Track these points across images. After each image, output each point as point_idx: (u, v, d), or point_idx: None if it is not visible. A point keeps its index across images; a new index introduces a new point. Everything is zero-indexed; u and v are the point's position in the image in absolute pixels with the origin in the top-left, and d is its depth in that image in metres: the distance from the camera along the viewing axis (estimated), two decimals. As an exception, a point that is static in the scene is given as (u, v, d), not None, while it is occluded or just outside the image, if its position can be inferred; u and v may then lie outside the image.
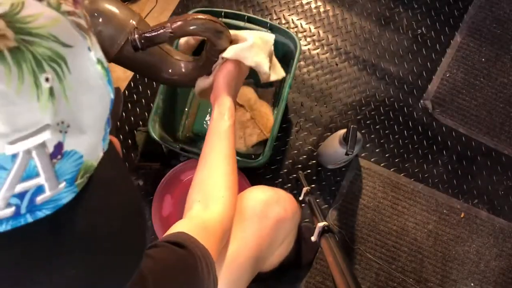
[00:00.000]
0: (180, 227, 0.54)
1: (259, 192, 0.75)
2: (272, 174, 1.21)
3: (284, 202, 0.75)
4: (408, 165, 1.23)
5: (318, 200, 1.18)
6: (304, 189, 1.02)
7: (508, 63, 1.30)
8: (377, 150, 1.23)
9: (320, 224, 0.78)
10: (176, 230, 0.53)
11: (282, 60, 1.17)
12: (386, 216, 1.18)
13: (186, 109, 1.20)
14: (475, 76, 1.29)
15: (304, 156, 1.22)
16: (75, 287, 0.25)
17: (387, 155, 1.23)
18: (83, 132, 0.23)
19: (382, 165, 1.22)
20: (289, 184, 1.21)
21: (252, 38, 0.77)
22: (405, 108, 1.27)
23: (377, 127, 1.25)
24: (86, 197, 0.25)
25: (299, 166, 1.22)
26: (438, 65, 1.30)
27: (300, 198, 1.04)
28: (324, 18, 1.33)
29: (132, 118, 1.25)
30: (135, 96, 1.27)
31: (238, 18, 1.05)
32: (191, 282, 0.45)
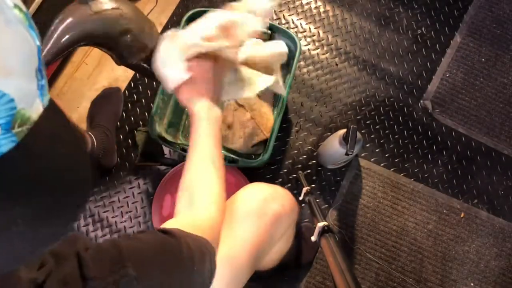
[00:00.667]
0: (170, 224, 0.55)
1: (256, 189, 0.75)
2: (272, 174, 1.21)
3: (282, 198, 0.75)
4: (408, 165, 1.23)
5: (318, 200, 1.19)
6: (304, 189, 1.02)
7: (508, 63, 1.30)
8: (377, 150, 1.23)
9: (320, 224, 0.79)
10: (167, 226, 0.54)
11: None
12: (386, 216, 1.18)
13: (186, 109, 1.20)
14: (475, 76, 1.29)
15: (304, 156, 1.23)
16: (22, 224, 0.26)
17: (387, 155, 1.23)
18: (8, 73, 0.24)
19: (382, 165, 1.22)
20: (289, 184, 1.21)
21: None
22: (405, 108, 1.27)
23: (377, 127, 1.25)
24: (28, 146, 0.26)
25: (299, 166, 1.22)
26: (438, 65, 1.30)
27: (300, 198, 1.04)
28: (324, 18, 1.34)
29: (132, 118, 1.25)
30: (135, 96, 1.27)
31: (238, 18, 1.05)
32: (172, 264, 0.46)
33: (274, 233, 0.72)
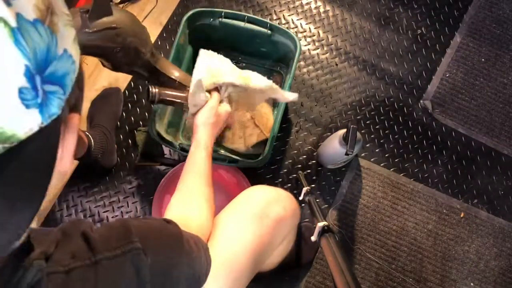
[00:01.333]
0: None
1: (259, 191, 0.75)
2: (272, 174, 1.21)
3: (284, 201, 0.75)
4: (408, 165, 1.23)
5: (318, 200, 1.19)
6: (304, 189, 1.02)
7: (508, 63, 1.30)
8: (377, 150, 1.23)
9: (320, 224, 0.79)
10: None
11: (282, 60, 1.18)
12: (386, 216, 1.18)
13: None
14: (475, 76, 1.29)
15: (304, 156, 1.23)
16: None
17: (387, 155, 1.23)
18: None
19: (382, 165, 1.22)
20: (289, 184, 1.21)
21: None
22: (405, 108, 1.27)
23: (377, 127, 1.25)
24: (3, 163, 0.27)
25: (299, 166, 1.22)
26: (438, 65, 1.30)
27: (300, 198, 1.04)
28: (324, 18, 1.34)
29: (132, 118, 1.25)
30: (135, 96, 1.27)
31: (238, 18, 1.05)
32: (175, 246, 0.48)
33: (276, 236, 0.73)
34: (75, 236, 0.40)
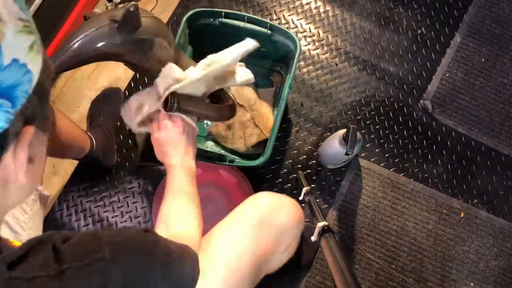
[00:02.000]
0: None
1: (264, 199, 0.75)
2: (272, 174, 1.21)
3: (290, 209, 0.75)
4: (408, 165, 1.23)
5: (318, 200, 1.19)
6: (304, 189, 1.02)
7: (508, 63, 1.30)
8: (377, 150, 1.23)
9: (320, 224, 0.79)
10: None
11: (282, 60, 1.18)
12: (386, 216, 1.18)
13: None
14: (475, 76, 1.29)
15: (304, 156, 1.23)
16: None
17: (387, 155, 1.23)
18: None
19: (382, 165, 1.22)
20: (289, 184, 1.21)
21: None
22: (405, 108, 1.27)
23: (377, 127, 1.25)
24: None
25: (299, 166, 1.22)
26: (438, 65, 1.30)
27: (300, 198, 1.04)
28: (324, 18, 1.34)
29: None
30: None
31: (238, 18, 1.05)
32: (148, 254, 0.46)
33: (280, 243, 0.72)
34: (47, 246, 0.39)
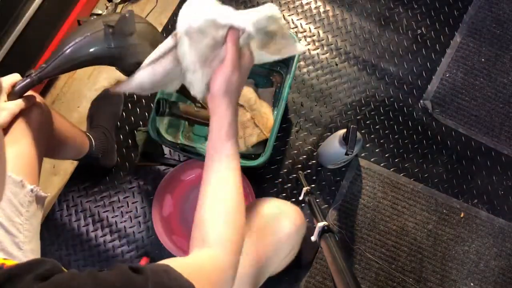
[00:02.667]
0: (170, 260, 0.47)
1: (267, 205, 0.75)
2: (272, 174, 1.21)
3: (292, 216, 0.75)
4: (408, 165, 1.23)
5: (318, 200, 1.19)
6: (304, 189, 1.02)
7: (508, 63, 1.30)
8: (377, 150, 1.23)
9: (320, 224, 0.79)
10: (165, 262, 0.47)
11: (282, 60, 1.18)
12: (386, 216, 1.18)
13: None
14: (475, 76, 1.29)
15: (304, 156, 1.23)
16: None
17: (387, 155, 1.23)
18: None
19: (382, 165, 1.22)
20: (289, 184, 1.21)
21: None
22: (405, 108, 1.27)
23: (377, 127, 1.25)
24: None
25: (299, 166, 1.22)
26: (438, 65, 1.30)
27: (300, 198, 1.04)
28: (324, 19, 1.34)
29: (132, 118, 1.25)
30: (135, 96, 1.27)
31: (238, 18, 1.05)
32: None
33: (281, 250, 0.73)
34: (20, 281, 0.35)
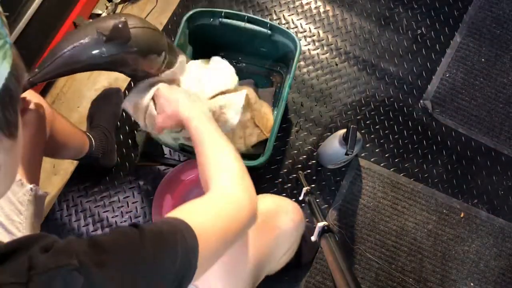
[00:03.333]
0: (185, 205, 0.52)
1: (266, 202, 0.75)
2: (272, 174, 1.21)
3: (291, 212, 0.75)
4: (408, 165, 1.23)
5: (318, 200, 1.19)
6: (304, 189, 1.02)
7: (508, 63, 1.30)
8: (377, 150, 1.23)
9: (320, 224, 0.79)
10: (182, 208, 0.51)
11: (282, 60, 1.18)
12: (386, 216, 1.18)
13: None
14: (475, 76, 1.29)
15: (304, 156, 1.23)
16: None
17: (387, 155, 1.23)
18: None
19: (382, 165, 1.22)
20: (289, 184, 1.21)
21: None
22: (405, 108, 1.27)
23: (377, 127, 1.25)
24: None
25: (299, 166, 1.22)
26: (438, 65, 1.30)
27: (300, 198, 1.04)
28: (324, 18, 1.34)
29: (132, 118, 1.25)
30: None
31: (238, 18, 1.05)
32: (127, 258, 0.41)
33: (280, 246, 0.73)
34: (24, 253, 0.37)
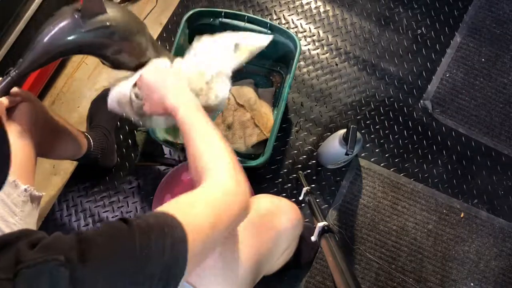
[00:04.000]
0: (178, 198, 0.51)
1: (264, 201, 0.75)
2: (272, 174, 1.21)
3: (289, 212, 0.75)
4: (408, 165, 1.23)
5: (318, 200, 1.19)
6: (304, 189, 1.02)
7: (508, 63, 1.30)
8: (377, 150, 1.23)
9: (320, 224, 0.79)
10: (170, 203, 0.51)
11: (282, 60, 1.18)
12: (386, 216, 1.18)
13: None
14: (475, 76, 1.29)
15: (304, 156, 1.23)
16: None
17: (387, 155, 1.23)
18: None
19: (382, 165, 1.22)
20: (289, 184, 1.21)
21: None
22: (405, 108, 1.27)
23: (377, 127, 1.25)
24: None
25: (299, 166, 1.22)
26: (438, 65, 1.30)
27: (300, 198, 1.04)
28: (324, 18, 1.34)
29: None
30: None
31: (238, 18, 1.05)
32: (120, 252, 0.41)
33: (278, 246, 0.73)
34: (12, 249, 0.37)
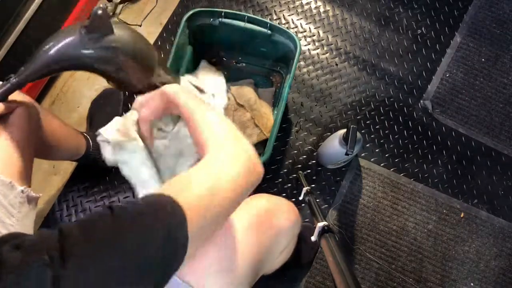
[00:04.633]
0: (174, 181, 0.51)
1: (262, 201, 0.75)
2: (272, 174, 1.21)
3: (287, 211, 0.75)
4: (408, 165, 1.23)
5: (318, 200, 1.19)
6: (304, 189, 1.02)
7: (508, 63, 1.30)
8: (377, 150, 1.23)
9: (320, 224, 0.78)
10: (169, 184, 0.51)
11: (282, 60, 1.18)
12: (386, 216, 1.18)
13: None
14: (475, 76, 1.29)
15: (304, 156, 1.23)
16: None
17: (387, 155, 1.23)
18: None
19: (382, 165, 1.22)
20: (289, 184, 1.21)
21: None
22: (405, 108, 1.27)
23: (377, 127, 1.25)
24: None
25: (299, 166, 1.22)
26: (438, 65, 1.30)
27: (300, 198, 1.04)
28: (324, 18, 1.34)
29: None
30: (135, 96, 1.26)
31: (238, 18, 1.05)
32: (107, 243, 0.40)
33: (277, 245, 0.73)
34: None
